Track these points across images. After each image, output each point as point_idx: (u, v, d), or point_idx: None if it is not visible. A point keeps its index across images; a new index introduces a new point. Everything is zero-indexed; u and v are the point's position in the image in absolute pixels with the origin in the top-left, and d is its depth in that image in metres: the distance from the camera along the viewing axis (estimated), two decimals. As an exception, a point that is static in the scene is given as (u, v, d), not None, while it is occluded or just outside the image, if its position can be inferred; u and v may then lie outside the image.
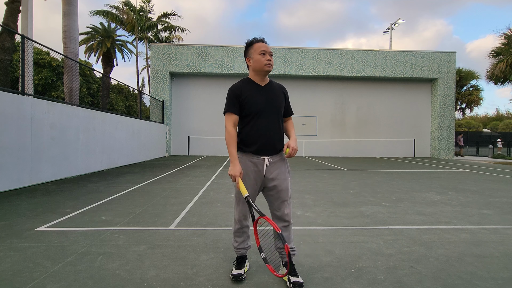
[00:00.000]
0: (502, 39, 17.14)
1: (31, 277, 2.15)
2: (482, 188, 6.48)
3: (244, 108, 2.12)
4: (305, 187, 6.31)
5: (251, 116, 2.11)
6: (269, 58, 2.12)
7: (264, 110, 2.12)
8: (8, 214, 3.86)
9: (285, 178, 2.18)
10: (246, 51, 2.21)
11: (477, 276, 2.25)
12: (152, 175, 7.89)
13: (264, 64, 2.11)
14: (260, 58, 2.11)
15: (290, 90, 15.48)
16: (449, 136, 17.62)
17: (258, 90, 2.16)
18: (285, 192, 2.16)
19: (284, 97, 2.27)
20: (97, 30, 25.70)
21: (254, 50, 2.13)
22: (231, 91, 2.15)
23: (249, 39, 2.20)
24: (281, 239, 1.83)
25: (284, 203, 2.16)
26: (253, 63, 2.14)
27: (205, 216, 3.91)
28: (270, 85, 2.23)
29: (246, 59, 2.20)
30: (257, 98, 2.13)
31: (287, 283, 2.08)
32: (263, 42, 2.16)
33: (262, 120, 2.12)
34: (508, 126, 48.22)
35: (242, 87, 2.14)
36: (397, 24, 24.04)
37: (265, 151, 2.13)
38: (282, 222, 2.18)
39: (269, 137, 2.13)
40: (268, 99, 2.16)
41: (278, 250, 2.21)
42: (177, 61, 16.64)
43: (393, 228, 3.46)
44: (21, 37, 6.28)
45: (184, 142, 17.41)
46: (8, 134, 5.48)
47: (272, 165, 2.14)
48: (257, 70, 2.15)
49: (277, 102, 2.19)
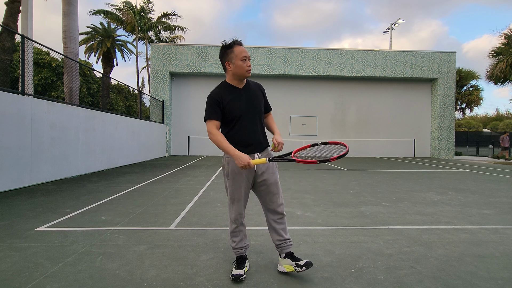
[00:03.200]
0: (502, 39, 17.15)
1: (31, 277, 2.15)
2: (482, 188, 6.48)
3: (226, 113, 2.13)
4: (305, 187, 6.31)
5: (235, 120, 2.14)
6: (249, 64, 2.14)
7: (246, 113, 2.15)
8: (8, 214, 3.86)
9: (273, 172, 2.23)
10: (224, 53, 2.15)
11: (477, 276, 2.25)
12: (152, 175, 7.89)
13: (246, 70, 2.12)
14: (241, 64, 2.10)
15: (290, 90, 15.43)
16: (449, 136, 17.62)
17: (238, 94, 2.17)
18: (275, 185, 2.22)
19: (262, 95, 2.30)
20: (97, 30, 25.70)
21: (236, 56, 2.10)
22: (210, 98, 2.14)
23: (226, 41, 2.15)
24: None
25: (276, 195, 2.22)
26: (234, 69, 2.13)
27: (205, 216, 3.91)
28: (248, 86, 2.25)
29: (225, 62, 2.15)
30: (238, 102, 2.15)
31: (296, 270, 2.13)
32: (242, 46, 2.14)
33: (245, 123, 2.15)
34: (508, 126, 48.22)
35: (221, 93, 2.15)
36: (397, 24, 24.05)
37: (252, 150, 2.17)
38: (276, 214, 2.23)
39: (254, 137, 2.18)
40: (249, 101, 2.18)
41: (277, 242, 2.24)
42: (177, 61, 16.64)
43: (393, 228, 3.46)
44: (21, 37, 6.28)
45: (184, 142, 17.41)
46: (8, 134, 5.48)
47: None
48: (238, 75, 2.15)
49: (257, 103, 2.23)
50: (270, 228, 2.27)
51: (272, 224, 2.24)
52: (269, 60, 16.88)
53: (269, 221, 2.26)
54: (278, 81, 17.49)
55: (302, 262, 2.13)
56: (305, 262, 2.12)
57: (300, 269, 2.11)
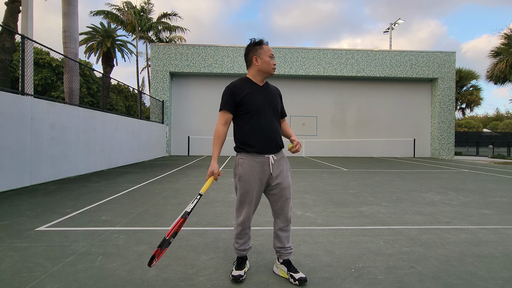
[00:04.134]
0: (502, 39, 17.15)
1: (31, 277, 2.15)
2: (482, 188, 6.48)
3: (243, 106, 2.13)
4: (305, 187, 6.31)
5: (251, 114, 2.13)
6: (275, 63, 2.21)
7: (264, 108, 2.15)
8: (8, 214, 3.86)
9: (287, 176, 2.21)
10: (253, 49, 2.19)
11: (477, 276, 2.25)
12: (152, 175, 7.89)
13: (272, 67, 2.18)
14: (269, 61, 2.16)
15: (290, 90, 15.43)
16: (449, 136, 17.62)
17: (257, 89, 2.19)
18: (288, 189, 2.19)
19: (279, 99, 2.32)
20: (97, 30, 25.69)
21: (264, 52, 2.16)
22: (228, 89, 2.16)
23: (256, 38, 2.21)
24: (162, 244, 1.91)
25: (288, 201, 2.19)
26: (261, 64, 2.17)
27: (205, 216, 3.91)
28: (267, 86, 2.27)
29: (252, 57, 2.18)
30: (257, 96, 2.15)
31: (290, 280, 2.11)
32: (268, 46, 2.21)
33: (262, 118, 2.14)
34: (508, 126, 48.21)
35: (240, 86, 2.16)
36: (397, 24, 24.04)
37: (269, 149, 2.14)
38: (285, 221, 2.20)
39: (270, 134, 2.14)
40: (267, 98, 2.19)
41: (277, 249, 2.23)
42: (177, 61, 16.64)
43: (393, 228, 3.46)
44: (21, 37, 6.28)
45: (184, 142, 17.41)
46: (8, 134, 5.48)
47: (275, 163, 2.17)
48: (264, 71, 2.18)
49: (275, 102, 2.23)
50: (275, 235, 2.24)
51: (278, 232, 2.21)
52: (269, 60, 16.86)
53: (276, 228, 2.23)
54: (278, 81, 17.48)
55: (297, 275, 2.09)
56: (299, 277, 2.08)
57: (293, 282, 2.09)
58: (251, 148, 2.12)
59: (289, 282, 2.12)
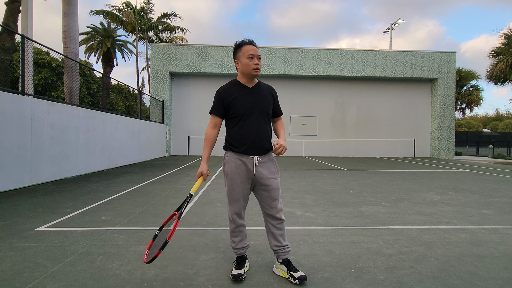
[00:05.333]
0: (502, 39, 17.15)
1: (31, 277, 2.15)
2: (482, 188, 6.48)
3: (231, 109, 2.16)
4: (305, 187, 6.31)
5: (238, 117, 2.16)
6: (257, 62, 2.14)
7: (251, 112, 2.15)
8: (8, 214, 3.86)
9: (275, 178, 2.23)
10: (234, 53, 2.22)
11: (477, 276, 2.25)
12: (152, 175, 7.89)
13: (252, 68, 2.14)
14: (248, 62, 2.13)
15: (290, 90, 15.40)
16: (449, 136, 17.62)
17: (246, 92, 2.19)
18: (276, 191, 2.21)
19: (272, 98, 2.29)
20: (97, 30, 25.69)
21: (243, 54, 2.15)
22: (217, 94, 2.21)
23: (238, 41, 2.21)
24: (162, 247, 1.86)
25: (275, 201, 2.20)
26: (241, 67, 2.17)
27: (205, 216, 3.91)
28: (258, 86, 2.25)
29: (234, 61, 2.23)
30: (244, 100, 2.16)
31: (290, 279, 2.12)
32: (251, 45, 2.17)
33: (249, 122, 2.15)
34: (508, 126, 48.21)
35: (228, 90, 2.19)
36: (397, 24, 24.04)
37: (255, 151, 2.16)
38: (275, 220, 2.22)
39: (257, 137, 2.16)
40: (256, 101, 2.18)
41: (274, 248, 2.23)
42: (177, 61, 16.65)
43: (393, 228, 3.46)
44: (21, 37, 6.28)
45: (184, 142, 17.41)
46: (8, 134, 5.48)
47: (261, 164, 2.18)
48: (245, 73, 2.18)
49: (265, 104, 2.22)
50: (269, 233, 2.25)
51: (271, 229, 2.23)
52: (269, 60, 16.88)
53: (268, 226, 2.24)
54: (278, 81, 17.48)
55: (297, 274, 2.10)
56: (299, 275, 2.09)
57: (293, 281, 2.10)
58: (237, 148, 2.17)
59: (289, 282, 2.12)
